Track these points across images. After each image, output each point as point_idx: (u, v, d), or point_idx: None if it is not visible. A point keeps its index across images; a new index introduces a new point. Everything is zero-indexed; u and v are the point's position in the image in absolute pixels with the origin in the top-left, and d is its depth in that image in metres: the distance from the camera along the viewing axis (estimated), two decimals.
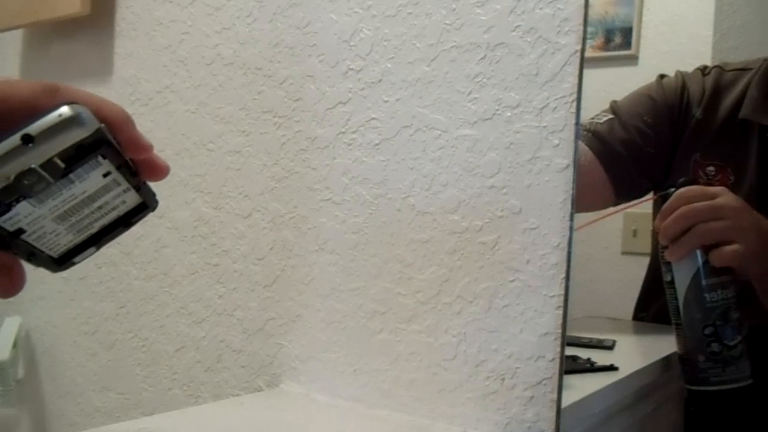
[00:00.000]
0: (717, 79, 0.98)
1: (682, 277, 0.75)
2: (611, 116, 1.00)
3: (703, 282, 0.74)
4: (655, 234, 1.01)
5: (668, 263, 0.76)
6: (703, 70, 1.00)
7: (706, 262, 0.74)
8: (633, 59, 1.14)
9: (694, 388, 0.76)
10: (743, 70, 0.97)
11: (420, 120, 0.66)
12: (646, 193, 0.99)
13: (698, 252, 0.74)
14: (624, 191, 0.98)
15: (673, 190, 0.76)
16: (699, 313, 0.74)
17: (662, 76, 1.03)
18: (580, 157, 0.94)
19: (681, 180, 0.78)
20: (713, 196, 0.75)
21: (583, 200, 0.99)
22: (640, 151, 0.98)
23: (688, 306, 0.75)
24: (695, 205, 0.74)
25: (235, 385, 0.82)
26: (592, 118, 1.00)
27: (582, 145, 0.96)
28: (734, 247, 0.73)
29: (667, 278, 0.77)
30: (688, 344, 0.75)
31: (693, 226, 0.74)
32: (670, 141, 0.98)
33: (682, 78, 1.01)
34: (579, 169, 0.92)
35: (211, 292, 0.85)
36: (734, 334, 0.73)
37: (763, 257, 0.75)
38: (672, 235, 0.75)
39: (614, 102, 1.02)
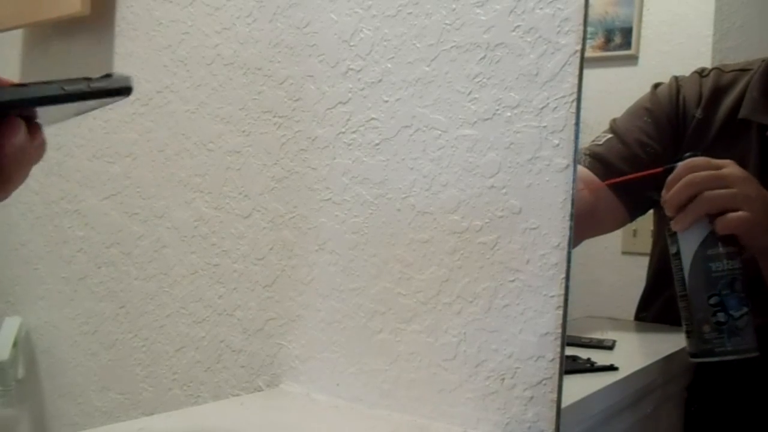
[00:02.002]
0: (716, 81, 0.98)
1: (687, 247, 0.75)
2: (610, 135, 1.00)
3: (709, 251, 0.73)
4: (656, 229, 1.01)
5: (674, 234, 0.76)
6: (701, 73, 1.00)
7: (712, 232, 0.73)
8: (633, 59, 1.14)
9: (699, 360, 0.75)
10: (743, 71, 0.97)
11: (420, 120, 0.66)
12: (658, 204, 0.99)
13: (704, 221, 0.74)
14: (636, 208, 0.98)
15: (678, 164, 0.76)
16: (704, 282, 0.74)
17: (656, 86, 1.02)
18: (586, 185, 0.94)
19: (687, 154, 0.77)
20: (719, 167, 0.75)
21: (598, 226, 0.99)
22: (644, 164, 0.97)
23: (694, 276, 0.74)
24: (701, 173, 0.74)
25: (235, 385, 0.82)
26: (593, 141, 1.00)
27: (586, 172, 0.96)
28: (740, 213, 0.72)
29: (673, 250, 0.76)
30: (694, 315, 0.74)
31: (698, 194, 0.73)
32: (673, 147, 0.98)
33: (677, 83, 1.00)
34: (588, 198, 0.93)
35: (211, 292, 0.85)
36: (740, 304, 0.72)
37: None
38: (678, 204, 0.75)
39: (613, 120, 1.02)
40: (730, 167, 0.75)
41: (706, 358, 0.74)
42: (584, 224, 0.93)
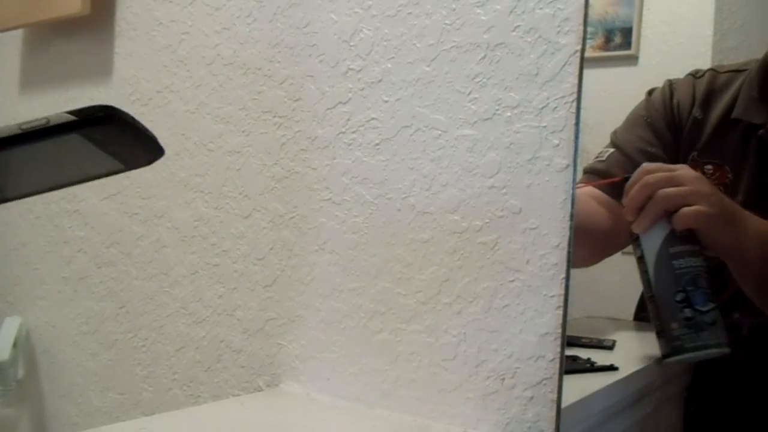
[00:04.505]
0: (710, 82, 0.98)
1: (650, 247, 0.76)
2: (612, 150, 1.00)
3: (671, 249, 0.75)
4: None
5: (637, 239, 0.78)
6: (695, 74, 1.01)
7: (672, 231, 0.75)
8: (633, 59, 1.14)
9: (671, 359, 0.75)
10: (738, 71, 0.98)
11: (420, 120, 0.66)
12: None
13: (663, 222, 0.76)
14: None
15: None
16: (669, 280, 0.75)
17: (650, 92, 1.03)
18: (598, 203, 0.94)
19: (644, 162, 0.80)
20: (672, 169, 0.78)
21: (619, 243, 0.99)
22: None
23: (659, 275, 0.76)
24: (655, 174, 0.77)
25: (235, 385, 0.82)
26: (596, 158, 1.00)
27: (595, 191, 0.96)
28: (696, 207, 0.74)
29: (638, 254, 0.78)
30: (662, 314, 0.75)
31: (654, 194, 0.75)
32: (674, 149, 0.98)
33: (670, 87, 1.01)
34: (602, 216, 0.93)
35: (211, 292, 0.85)
36: (705, 300, 0.74)
37: (725, 222, 0.76)
38: (636, 206, 0.77)
39: (614, 133, 1.03)
40: (683, 169, 0.78)
41: (677, 356, 0.74)
42: (607, 243, 0.94)
